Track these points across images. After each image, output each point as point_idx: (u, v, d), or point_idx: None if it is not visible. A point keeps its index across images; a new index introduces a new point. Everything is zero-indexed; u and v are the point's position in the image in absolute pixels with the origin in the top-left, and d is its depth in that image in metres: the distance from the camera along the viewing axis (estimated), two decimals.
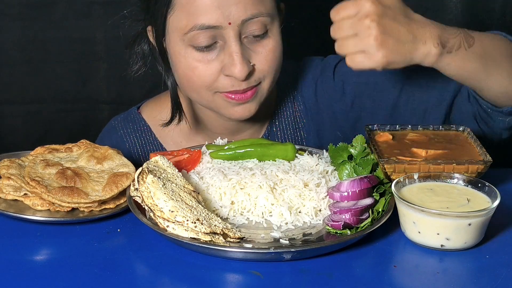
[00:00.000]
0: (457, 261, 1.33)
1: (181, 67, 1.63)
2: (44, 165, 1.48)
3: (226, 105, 1.65)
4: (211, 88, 1.62)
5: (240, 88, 1.61)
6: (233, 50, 1.57)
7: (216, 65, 1.59)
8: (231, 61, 1.57)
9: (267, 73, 1.64)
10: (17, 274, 1.26)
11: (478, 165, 1.45)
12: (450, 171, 1.45)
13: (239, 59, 1.57)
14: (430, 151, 1.50)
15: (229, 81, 1.60)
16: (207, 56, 1.59)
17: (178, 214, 1.31)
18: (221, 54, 1.59)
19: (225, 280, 1.28)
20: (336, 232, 1.37)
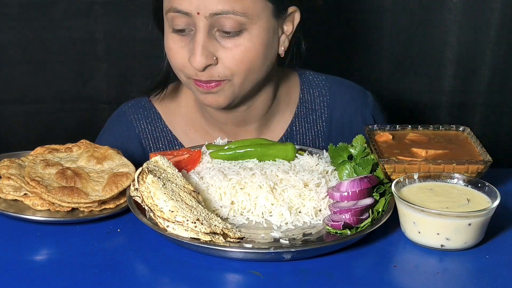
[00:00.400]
0: (457, 261, 1.33)
1: (165, 46, 1.67)
2: (44, 165, 1.48)
3: (196, 91, 1.67)
4: (183, 72, 1.65)
5: (200, 78, 1.62)
6: (196, 39, 1.58)
7: (186, 51, 1.62)
8: (192, 50, 1.59)
9: (235, 72, 1.62)
10: (17, 274, 1.25)
11: (478, 165, 1.45)
12: (450, 171, 1.44)
13: (199, 50, 1.58)
14: (430, 151, 1.50)
15: (193, 70, 1.62)
16: (181, 41, 1.62)
17: (178, 214, 1.31)
18: (191, 42, 1.61)
19: (225, 280, 1.28)
20: (336, 232, 1.37)
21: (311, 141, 1.86)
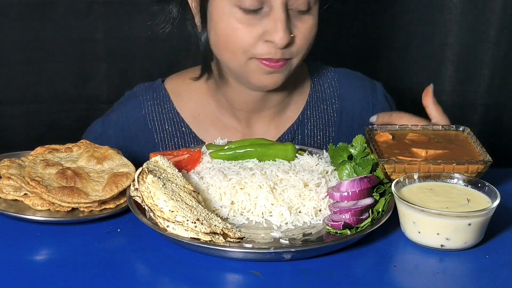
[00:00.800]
0: (457, 261, 1.33)
1: (222, 26, 1.64)
2: (44, 165, 1.48)
3: (257, 71, 1.66)
4: (247, 53, 1.63)
5: (276, 56, 1.62)
6: (278, 17, 1.58)
7: (258, 29, 1.61)
8: (274, 28, 1.59)
9: (301, 50, 1.66)
10: (17, 274, 1.25)
11: (478, 165, 1.45)
12: (450, 171, 1.45)
13: (283, 26, 1.58)
14: (430, 151, 1.50)
15: (267, 48, 1.61)
16: (251, 20, 1.60)
17: (178, 214, 1.31)
18: (264, 19, 1.60)
19: (225, 280, 1.28)
20: (336, 232, 1.37)
21: (322, 130, 1.86)
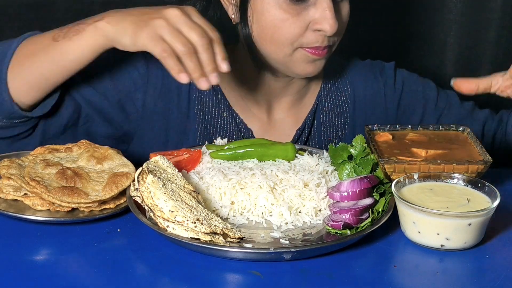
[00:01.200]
0: (457, 261, 1.33)
1: (268, 18, 1.63)
2: (44, 165, 1.48)
3: (302, 60, 1.67)
4: (295, 43, 1.64)
5: (323, 44, 1.64)
6: (326, 5, 1.59)
7: (306, 19, 1.61)
8: (323, 16, 1.60)
9: (340, 35, 1.68)
10: (17, 274, 1.25)
11: (478, 165, 1.45)
12: (450, 171, 1.45)
13: (332, 14, 1.59)
14: (430, 151, 1.50)
15: (315, 37, 1.63)
16: (298, 9, 1.61)
17: (178, 214, 1.31)
18: (311, 8, 1.61)
19: (225, 280, 1.28)
20: (336, 232, 1.37)
21: (337, 116, 1.87)
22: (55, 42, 1.52)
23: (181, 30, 1.43)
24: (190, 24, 1.44)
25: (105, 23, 1.48)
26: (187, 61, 1.43)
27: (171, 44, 1.42)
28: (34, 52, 1.54)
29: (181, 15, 1.44)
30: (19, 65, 1.54)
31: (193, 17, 1.46)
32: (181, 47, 1.42)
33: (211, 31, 1.46)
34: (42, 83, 1.55)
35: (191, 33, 1.43)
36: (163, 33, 1.43)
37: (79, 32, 1.50)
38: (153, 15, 1.44)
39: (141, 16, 1.45)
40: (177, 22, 1.43)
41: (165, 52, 1.42)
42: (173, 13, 1.44)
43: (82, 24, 1.51)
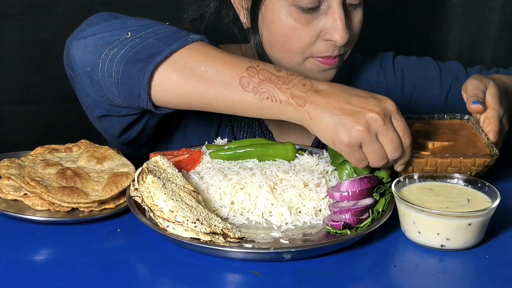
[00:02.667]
0: (457, 261, 1.33)
1: (279, 26, 1.62)
2: (44, 165, 1.48)
3: (313, 70, 1.66)
4: (306, 52, 1.63)
5: (334, 53, 1.63)
6: (337, 15, 1.58)
7: (316, 28, 1.60)
8: (334, 26, 1.58)
9: (352, 43, 1.67)
10: (17, 274, 1.25)
11: (485, 158, 1.46)
12: (458, 165, 1.45)
13: (343, 25, 1.58)
14: (436, 143, 1.51)
15: (325, 46, 1.62)
16: (308, 18, 1.60)
17: (178, 214, 1.31)
18: (322, 18, 1.59)
19: (225, 280, 1.28)
20: (336, 232, 1.37)
21: None
22: (242, 89, 1.39)
23: (380, 139, 1.36)
24: (389, 135, 1.36)
25: (306, 112, 1.36)
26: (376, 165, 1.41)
27: (366, 155, 1.37)
28: (207, 80, 1.40)
29: (383, 123, 1.34)
30: (178, 76, 1.41)
31: (394, 119, 1.37)
32: (374, 162, 1.39)
33: (405, 138, 1.38)
34: (194, 106, 1.46)
35: (388, 146, 1.37)
36: (362, 142, 1.35)
37: (274, 99, 1.37)
38: (355, 117, 1.34)
39: (342, 115, 1.34)
40: (378, 129, 1.35)
41: (359, 163, 1.39)
42: (375, 120, 1.34)
43: (276, 89, 1.37)
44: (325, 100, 1.35)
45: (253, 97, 1.38)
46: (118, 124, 1.60)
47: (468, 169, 1.47)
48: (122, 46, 1.44)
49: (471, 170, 1.47)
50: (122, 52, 1.43)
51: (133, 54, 1.42)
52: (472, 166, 1.46)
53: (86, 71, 1.47)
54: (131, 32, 1.46)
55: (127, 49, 1.43)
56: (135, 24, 1.49)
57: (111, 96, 1.47)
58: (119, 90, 1.45)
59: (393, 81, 1.88)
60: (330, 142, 1.37)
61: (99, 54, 1.44)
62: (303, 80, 1.38)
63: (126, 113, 1.55)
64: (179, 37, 1.43)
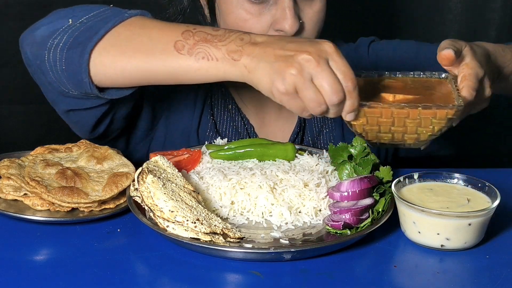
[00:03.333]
0: (457, 261, 1.33)
1: (232, 18, 1.63)
2: (44, 165, 1.48)
3: None
4: None
5: None
6: (286, 5, 1.57)
7: (267, 18, 1.60)
8: (283, 16, 1.57)
9: (311, 35, 1.64)
10: (17, 274, 1.25)
11: (447, 109, 1.32)
12: (416, 117, 1.33)
13: (291, 14, 1.57)
14: (398, 96, 1.38)
15: None
16: (259, 9, 1.59)
17: (178, 214, 1.31)
18: (272, 8, 1.59)
19: (225, 280, 1.28)
20: (336, 232, 1.37)
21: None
22: (178, 52, 1.36)
23: (315, 82, 1.28)
24: (325, 76, 1.27)
25: (243, 65, 1.31)
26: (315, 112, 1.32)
27: (304, 102, 1.29)
28: (143, 49, 1.39)
29: (317, 64, 1.27)
30: (115, 51, 1.40)
31: (332, 61, 1.29)
32: (312, 109, 1.30)
33: (346, 80, 1.29)
34: (136, 80, 1.44)
35: (324, 89, 1.27)
36: (297, 87, 1.28)
37: (210, 57, 1.34)
38: (288, 62, 1.28)
39: (276, 62, 1.28)
40: (311, 71, 1.27)
41: (301, 112, 1.32)
42: (308, 60, 1.27)
43: (212, 47, 1.34)
44: (262, 49, 1.31)
45: (188, 59, 1.35)
46: (88, 117, 1.59)
47: (430, 122, 1.33)
48: (63, 33, 1.45)
49: (433, 124, 1.34)
50: (64, 40, 1.44)
51: (74, 39, 1.43)
52: (433, 119, 1.32)
53: (37, 64, 1.48)
54: (72, 19, 1.46)
55: (68, 36, 1.44)
56: (78, 10, 1.49)
57: (63, 86, 1.47)
58: (67, 78, 1.45)
59: (367, 64, 1.84)
60: (269, 93, 1.31)
61: (45, 45, 1.45)
62: (242, 35, 1.35)
63: (90, 105, 1.54)
64: (117, 15, 1.43)
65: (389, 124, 1.35)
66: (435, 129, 1.35)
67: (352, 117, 1.33)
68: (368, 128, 1.36)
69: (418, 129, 1.35)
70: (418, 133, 1.36)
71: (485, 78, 1.40)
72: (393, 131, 1.36)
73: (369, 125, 1.35)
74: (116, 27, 1.41)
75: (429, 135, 1.36)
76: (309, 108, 1.29)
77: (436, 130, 1.35)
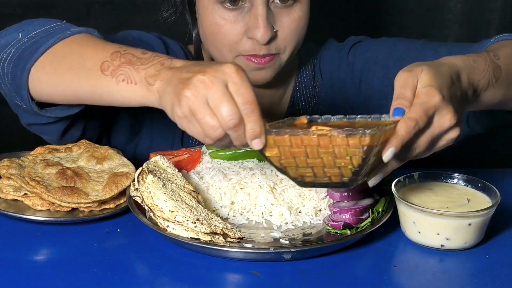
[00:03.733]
0: (457, 261, 1.33)
1: (207, 23, 1.62)
2: (44, 165, 1.48)
3: (245, 68, 1.63)
4: (233, 50, 1.62)
5: (260, 52, 1.60)
6: (258, 13, 1.56)
7: (241, 25, 1.59)
8: (255, 24, 1.57)
9: (288, 43, 1.63)
10: (17, 274, 1.25)
11: (360, 136, 1.14)
12: (328, 145, 1.17)
13: (263, 23, 1.56)
14: (321, 126, 1.22)
15: (251, 44, 1.60)
16: (233, 16, 1.59)
17: (178, 214, 1.31)
18: (246, 15, 1.58)
19: (225, 280, 1.28)
20: (336, 232, 1.37)
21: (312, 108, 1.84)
22: (101, 73, 1.34)
23: (210, 105, 1.20)
24: (218, 98, 1.19)
25: (156, 90, 1.27)
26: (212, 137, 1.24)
27: (201, 126, 1.21)
28: (73, 67, 1.39)
29: (211, 85, 1.20)
30: (50, 68, 1.41)
31: (231, 83, 1.21)
32: (209, 133, 1.21)
33: (244, 103, 1.20)
34: (69, 98, 1.44)
35: (218, 111, 1.19)
36: (192, 110, 1.21)
37: (129, 80, 1.31)
38: (184, 84, 1.22)
39: (177, 85, 1.23)
40: (206, 93, 1.20)
41: (203, 138, 1.24)
42: (202, 82, 1.20)
43: (133, 70, 1.31)
44: (172, 74, 1.26)
45: (110, 80, 1.33)
46: (50, 131, 1.59)
47: (345, 152, 1.16)
48: (12, 48, 1.46)
49: (349, 154, 1.16)
50: (12, 53, 1.45)
51: (19, 54, 1.44)
52: (348, 148, 1.15)
53: None
54: (21, 33, 1.48)
55: (16, 50, 1.45)
56: (31, 25, 1.50)
57: (15, 99, 1.49)
58: (16, 92, 1.47)
59: (346, 67, 1.82)
60: (172, 118, 1.25)
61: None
62: (164, 60, 1.31)
63: (46, 121, 1.54)
64: (61, 32, 1.44)
65: (302, 154, 1.20)
66: (353, 162, 1.17)
67: (258, 145, 1.21)
68: (285, 161, 1.22)
69: (336, 162, 1.18)
70: (338, 167, 1.19)
71: (444, 104, 1.23)
72: (311, 165, 1.20)
73: (284, 157, 1.22)
74: (56, 44, 1.43)
75: (351, 170, 1.18)
76: (205, 132, 1.21)
77: (356, 162, 1.17)
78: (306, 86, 1.84)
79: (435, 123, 1.22)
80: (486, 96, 1.39)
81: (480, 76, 1.37)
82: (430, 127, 1.23)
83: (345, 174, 1.19)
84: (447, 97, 1.23)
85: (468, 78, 1.33)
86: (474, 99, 1.37)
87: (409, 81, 1.25)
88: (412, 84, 1.24)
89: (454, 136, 1.26)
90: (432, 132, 1.23)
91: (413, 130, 1.19)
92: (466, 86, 1.32)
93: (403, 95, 1.23)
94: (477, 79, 1.36)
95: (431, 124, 1.22)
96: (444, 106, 1.22)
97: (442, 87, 1.24)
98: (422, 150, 1.24)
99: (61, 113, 1.51)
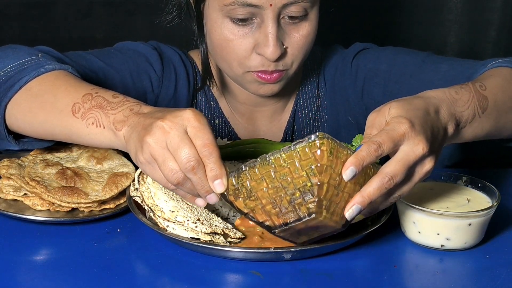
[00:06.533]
0: (457, 261, 1.33)
1: (216, 36, 1.61)
2: (44, 165, 1.48)
3: (253, 83, 1.65)
4: (242, 65, 1.61)
5: (269, 69, 1.60)
6: (269, 31, 1.55)
7: (250, 41, 1.58)
8: (265, 41, 1.56)
9: (296, 58, 1.63)
10: (17, 274, 1.26)
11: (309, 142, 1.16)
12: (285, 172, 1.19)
13: (273, 41, 1.55)
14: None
15: (261, 61, 1.59)
16: (243, 31, 1.58)
17: (178, 214, 1.31)
18: (256, 31, 1.58)
19: (225, 280, 1.28)
20: None
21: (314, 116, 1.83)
22: (72, 115, 1.37)
23: (169, 149, 1.22)
24: (175, 142, 1.21)
25: (122, 135, 1.30)
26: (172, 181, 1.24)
27: (161, 171, 1.23)
28: (46, 107, 1.41)
29: (169, 129, 1.21)
30: (25, 106, 1.43)
31: (190, 127, 1.22)
32: (169, 177, 1.22)
33: (202, 145, 1.21)
34: (45, 135, 1.46)
35: (177, 156, 1.21)
36: (153, 155, 1.23)
37: (98, 124, 1.33)
38: (146, 130, 1.24)
39: (140, 131, 1.25)
40: (165, 138, 1.21)
41: (165, 184, 1.26)
42: (161, 127, 1.22)
43: (103, 114, 1.33)
44: (138, 120, 1.28)
45: (80, 122, 1.36)
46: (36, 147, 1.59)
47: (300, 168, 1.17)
48: None
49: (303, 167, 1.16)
50: None
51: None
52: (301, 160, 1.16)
53: None
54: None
55: None
56: (8, 56, 1.50)
57: None
58: None
59: (349, 77, 1.82)
60: (136, 164, 1.28)
61: None
62: (133, 105, 1.31)
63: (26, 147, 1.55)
64: (35, 68, 1.45)
65: (262, 187, 1.20)
66: (310, 178, 1.16)
67: (220, 187, 1.21)
68: (252, 204, 1.22)
69: (295, 182, 1.18)
70: (300, 190, 1.18)
71: (414, 133, 1.20)
72: (274, 197, 1.20)
73: (249, 199, 1.21)
74: (30, 81, 1.44)
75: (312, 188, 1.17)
76: (165, 176, 1.22)
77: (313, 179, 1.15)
78: (310, 93, 1.84)
79: (409, 151, 1.20)
80: (473, 127, 1.38)
81: (463, 108, 1.34)
82: (404, 156, 1.20)
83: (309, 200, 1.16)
84: (418, 126, 1.21)
85: (449, 110, 1.31)
86: (457, 132, 1.35)
87: (376, 121, 1.25)
88: (379, 123, 1.24)
89: (429, 168, 1.24)
90: (407, 160, 1.20)
91: (375, 153, 1.18)
92: (446, 118, 1.30)
93: (369, 135, 1.24)
94: (459, 110, 1.33)
95: (405, 153, 1.20)
96: (414, 136, 1.20)
97: (413, 117, 1.22)
98: (399, 180, 1.21)
99: (38, 146, 1.53)
